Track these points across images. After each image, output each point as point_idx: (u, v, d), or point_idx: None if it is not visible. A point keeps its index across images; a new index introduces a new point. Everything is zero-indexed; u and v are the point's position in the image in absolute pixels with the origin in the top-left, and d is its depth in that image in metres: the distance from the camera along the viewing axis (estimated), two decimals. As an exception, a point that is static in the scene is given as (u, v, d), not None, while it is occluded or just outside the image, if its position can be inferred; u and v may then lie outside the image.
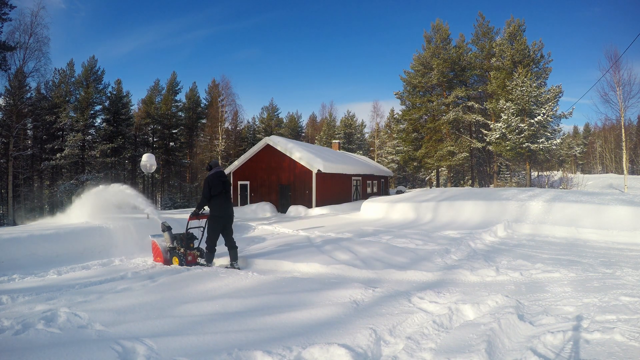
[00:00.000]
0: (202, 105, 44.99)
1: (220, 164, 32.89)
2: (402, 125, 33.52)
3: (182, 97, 44.61)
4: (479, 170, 33.64)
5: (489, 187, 27.30)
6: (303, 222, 12.81)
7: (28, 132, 33.53)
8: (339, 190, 20.34)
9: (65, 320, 3.27)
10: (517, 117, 22.41)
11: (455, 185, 38.07)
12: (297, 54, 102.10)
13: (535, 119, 21.81)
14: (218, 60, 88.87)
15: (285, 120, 56.85)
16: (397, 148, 43.15)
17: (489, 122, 26.12)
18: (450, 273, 5.13)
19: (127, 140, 37.76)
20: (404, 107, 31.90)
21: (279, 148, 18.64)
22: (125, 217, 8.81)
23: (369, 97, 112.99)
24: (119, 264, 6.23)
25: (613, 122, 31.71)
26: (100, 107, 35.40)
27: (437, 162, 28.33)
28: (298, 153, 18.04)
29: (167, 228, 6.25)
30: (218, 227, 5.91)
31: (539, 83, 23.23)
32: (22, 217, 24.64)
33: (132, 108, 39.78)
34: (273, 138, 19.46)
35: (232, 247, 5.91)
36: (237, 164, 20.16)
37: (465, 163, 30.90)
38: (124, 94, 37.99)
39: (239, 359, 2.56)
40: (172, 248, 6.16)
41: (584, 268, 5.25)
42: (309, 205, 17.52)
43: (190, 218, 6.11)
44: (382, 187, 28.41)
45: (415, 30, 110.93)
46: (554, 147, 22.45)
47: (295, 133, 56.13)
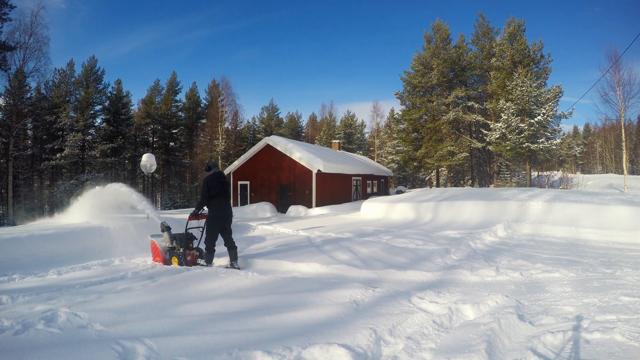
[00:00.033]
0: (202, 105, 45.02)
1: (220, 164, 33.17)
2: (402, 125, 33.51)
3: (182, 97, 44.74)
4: (479, 170, 33.64)
5: (489, 187, 27.30)
6: (303, 222, 12.81)
7: (28, 132, 33.52)
8: (339, 190, 20.34)
9: (65, 320, 3.27)
10: (517, 117, 22.41)
11: (455, 185, 38.06)
12: (297, 54, 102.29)
13: (535, 119, 21.81)
14: (218, 60, 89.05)
15: (285, 120, 56.87)
16: (397, 148, 43.15)
17: (489, 122, 26.12)
18: (450, 273, 5.14)
19: (127, 140, 37.77)
20: (404, 107, 31.89)
21: (279, 148, 18.64)
22: (125, 217, 8.82)
23: (369, 97, 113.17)
24: (119, 264, 6.23)
25: (613, 122, 31.77)
26: (100, 107, 35.43)
27: (437, 162, 28.33)
28: (298, 153, 18.04)
29: (166, 228, 6.24)
30: (216, 227, 5.92)
31: (539, 83, 23.22)
32: (21, 217, 24.65)
33: (132, 108, 39.82)
34: (273, 138, 19.46)
35: (231, 247, 5.91)
36: (237, 164, 20.15)
37: (465, 163, 30.90)
38: (124, 94, 38.03)
39: (239, 359, 2.56)
40: (171, 248, 6.16)
41: (584, 268, 5.25)
42: (309, 205, 17.52)
43: (190, 218, 6.12)
44: (382, 187, 28.41)
45: (415, 31, 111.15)
46: (554, 147, 22.44)
47: (295, 133, 56.14)
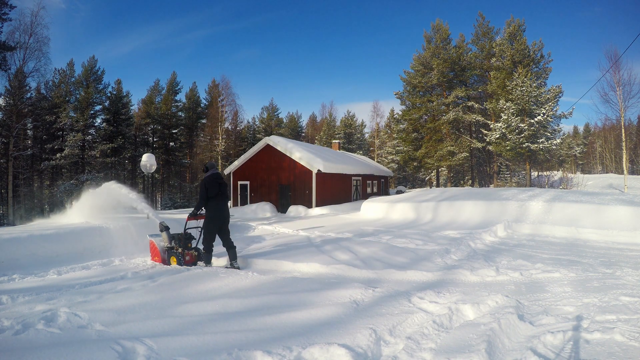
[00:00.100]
0: (202, 105, 45.01)
1: (220, 164, 33.15)
2: (402, 125, 33.51)
3: (182, 97, 44.73)
4: (479, 170, 33.64)
5: (489, 187, 27.29)
6: (303, 222, 12.81)
7: (28, 132, 33.51)
8: (339, 190, 20.34)
9: (65, 320, 3.27)
10: (517, 117, 22.40)
11: (455, 185, 38.06)
12: (297, 54, 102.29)
13: (535, 119, 21.80)
14: (218, 60, 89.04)
15: (285, 120, 56.87)
16: (397, 148, 43.14)
17: (489, 122, 26.11)
18: (450, 273, 5.14)
19: (127, 140, 37.76)
20: (404, 107, 31.88)
21: (279, 148, 18.64)
22: (125, 217, 8.82)
23: (369, 97, 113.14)
24: (119, 264, 6.23)
25: (613, 122, 31.76)
26: (100, 107, 35.41)
27: (437, 162, 28.33)
28: (298, 153, 18.04)
29: (165, 228, 6.26)
30: (214, 228, 5.95)
31: (539, 83, 23.21)
32: (21, 217, 24.65)
33: (132, 108, 39.80)
34: (273, 138, 19.45)
35: (230, 247, 5.93)
36: (237, 164, 20.15)
37: (465, 163, 30.90)
38: (124, 94, 38.01)
39: (239, 359, 2.56)
40: (170, 248, 6.17)
41: (584, 268, 5.25)
42: (309, 205, 17.52)
43: (189, 218, 6.15)
44: (382, 187, 28.40)
45: (415, 31, 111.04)
46: (554, 147, 22.43)
47: (295, 133, 56.14)
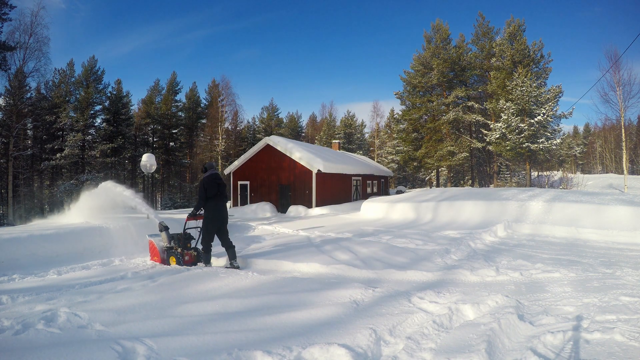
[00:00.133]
0: (202, 105, 45.03)
1: (220, 164, 33.16)
2: (402, 125, 33.51)
3: (182, 97, 44.75)
4: (479, 170, 33.63)
5: (489, 187, 27.29)
6: (303, 222, 12.81)
7: (28, 132, 33.52)
8: (339, 190, 20.34)
9: (65, 320, 3.27)
10: (517, 117, 22.40)
11: (455, 185, 38.06)
12: (297, 54, 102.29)
13: (535, 119, 21.80)
14: (218, 60, 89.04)
15: (285, 120, 56.87)
16: (397, 148, 43.14)
17: (489, 122, 26.11)
18: (450, 273, 5.13)
19: (127, 140, 37.76)
20: (404, 107, 31.88)
21: (279, 148, 18.64)
22: (125, 217, 8.81)
23: (369, 97, 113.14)
24: (119, 264, 6.24)
25: (613, 122, 31.76)
26: (100, 107, 35.42)
27: (437, 162, 28.33)
28: (298, 153, 18.04)
29: (164, 228, 6.27)
30: (212, 228, 5.96)
31: (539, 83, 23.21)
32: (21, 217, 24.65)
33: (132, 108, 39.82)
34: (273, 138, 19.45)
35: (229, 247, 5.94)
36: (237, 164, 20.15)
37: (465, 163, 30.90)
38: (124, 94, 38.02)
39: (239, 359, 2.56)
40: (169, 248, 6.18)
41: (584, 268, 5.25)
42: (309, 205, 17.52)
43: (188, 219, 6.17)
44: (382, 187, 28.40)
45: (416, 31, 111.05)
46: (554, 147, 22.43)
47: (295, 133, 56.14)
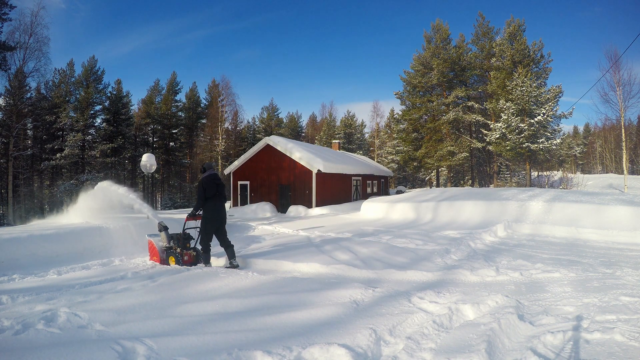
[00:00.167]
0: (202, 105, 45.04)
1: (220, 164, 33.15)
2: (402, 125, 33.51)
3: (182, 97, 44.76)
4: (479, 170, 33.63)
5: (489, 187, 27.29)
6: (303, 222, 12.81)
7: (28, 132, 33.52)
8: (339, 190, 20.34)
9: (65, 320, 3.27)
10: (517, 117, 22.40)
11: (455, 185, 38.06)
12: (297, 54, 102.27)
13: (535, 119, 21.80)
14: (218, 60, 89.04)
15: (285, 120, 56.88)
16: (397, 148, 43.14)
17: (489, 122, 26.11)
18: (450, 273, 5.13)
19: (127, 140, 37.76)
20: (404, 107, 31.88)
21: (279, 148, 18.64)
22: (125, 217, 8.82)
23: (369, 97, 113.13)
24: (119, 264, 6.24)
25: (613, 122, 31.76)
26: (100, 107, 35.43)
27: (437, 162, 28.32)
28: (298, 153, 18.04)
29: (163, 228, 6.29)
30: (211, 228, 5.98)
31: (539, 83, 23.21)
32: (21, 217, 24.65)
33: (132, 108, 39.83)
34: (273, 138, 19.45)
35: (227, 246, 5.98)
36: (237, 164, 20.15)
37: (465, 163, 30.90)
38: (124, 94, 38.03)
39: (239, 359, 2.56)
40: (168, 248, 6.19)
41: (584, 268, 5.25)
42: (309, 205, 17.52)
43: (187, 219, 6.19)
44: (382, 187, 28.40)
45: (416, 31, 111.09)
46: (554, 147, 22.43)
47: (295, 133, 56.14)
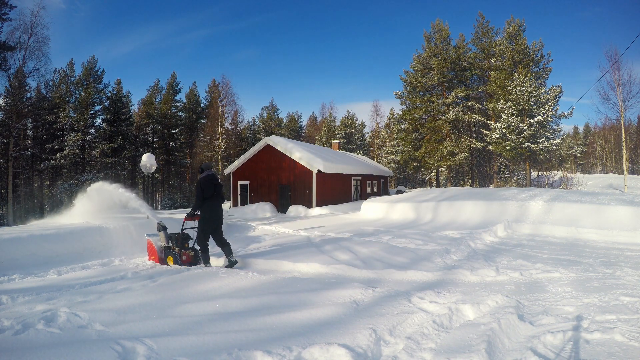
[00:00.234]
0: (202, 105, 45.05)
1: (220, 164, 33.15)
2: (402, 125, 33.51)
3: (182, 97, 44.77)
4: (479, 170, 33.63)
5: (489, 187, 27.29)
6: (303, 222, 12.81)
7: (28, 132, 33.51)
8: (339, 190, 20.34)
9: (65, 320, 3.26)
10: (517, 117, 22.40)
11: (455, 185, 38.06)
12: (297, 54, 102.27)
13: (535, 119, 21.80)
14: (218, 60, 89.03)
15: (285, 120, 56.88)
16: (397, 148, 43.14)
17: (489, 122, 26.11)
18: (450, 273, 5.13)
19: (127, 140, 37.76)
20: (404, 107, 31.88)
21: (279, 148, 18.64)
22: (125, 217, 8.81)
23: (369, 97, 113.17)
24: (119, 264, 6.24)
25: (613, 122, 31.76)
26: (100, 107, 35.44)
27: (437, 162, 28.32)
28: (298, 153, 18.04)
29: (162, 228, 6.30)
30: (209, 228, 6.02)
31: (539, 83, 23.20)
32: (21, 217, 24.65)
33: (132, 108, 39.84)
34: (273, 138, 19.45)
35: (224, 244, 6.04)
36: (237, 164, 20.15)
37: (465, 163, 30.90)
38: (124, 94, 38.03)
39: (239, 359, 2.56)
40: (167, 247, 6.20)
41: (584, 268, 5.25)
42: (309, 205, 17.52)
43: (186, 219, 6.21)
44: (382, 187, 28.40)
45: (415, 31, 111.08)
46: (554, 147, 22.43)
47: (295, 133, 56.14)
